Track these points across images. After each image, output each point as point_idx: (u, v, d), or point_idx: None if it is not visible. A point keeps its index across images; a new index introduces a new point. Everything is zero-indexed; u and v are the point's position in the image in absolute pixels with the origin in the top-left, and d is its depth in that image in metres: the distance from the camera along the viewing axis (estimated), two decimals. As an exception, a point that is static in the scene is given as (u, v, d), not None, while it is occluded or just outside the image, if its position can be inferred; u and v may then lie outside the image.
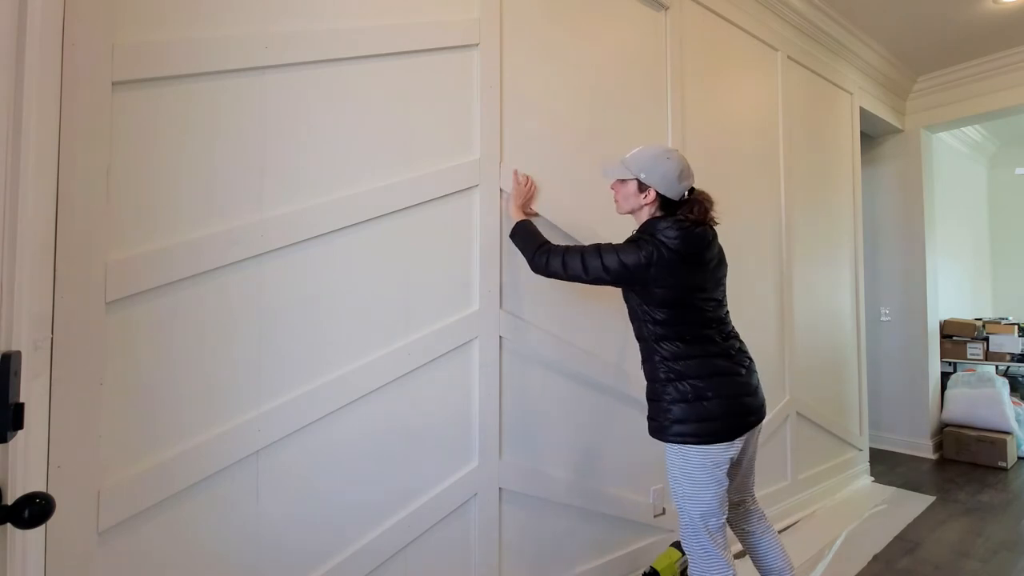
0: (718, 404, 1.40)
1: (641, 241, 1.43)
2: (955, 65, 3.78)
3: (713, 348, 1.45)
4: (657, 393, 1.48)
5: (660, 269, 1.39)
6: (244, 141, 1.27)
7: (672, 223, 1.42)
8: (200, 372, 1.20)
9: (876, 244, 4.18)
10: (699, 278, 1.44)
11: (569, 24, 1.96)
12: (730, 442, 1.41)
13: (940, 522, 2.81)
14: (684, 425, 1.41)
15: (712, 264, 1.48)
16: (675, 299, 1.42)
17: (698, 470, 1.41)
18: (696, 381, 1.41)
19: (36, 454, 0.96)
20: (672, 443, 1.44)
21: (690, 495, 1.44)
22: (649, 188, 1.47)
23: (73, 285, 1.04)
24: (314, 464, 1.35)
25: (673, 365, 1.44)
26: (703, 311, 1.46)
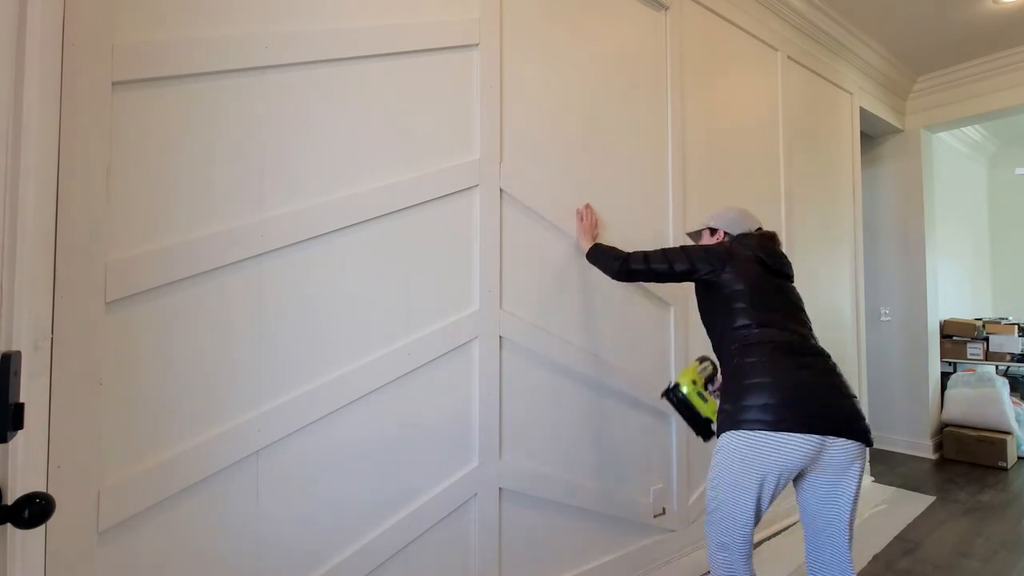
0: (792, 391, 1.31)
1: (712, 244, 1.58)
2: (955, 65, 3.78)
3: (788, 337, 1.41)
4: (732, 379, 1.42)
5: (736, 262, 1.50)
6: (244, 141, 1.27)
7: (751, 234, 1.62)
8: (200, 372, 1.20)
9: (876, 244, 4.18)
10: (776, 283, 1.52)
11: (569, 24, 1.96)
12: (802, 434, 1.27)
13: (940, 522, 2.81)
14: (756, 411, 1.31)
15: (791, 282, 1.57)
16: (751, 287, 1.47)
17: (750, 458, 1.31)
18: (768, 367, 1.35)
19: (36, 454, 0.96)
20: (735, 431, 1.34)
21: (729, 486, 1.34)
22: (718, 230, 1.72)
23: (73, 285, 1.04)
24: (314, 464, 1.35)
25: (745, 351, 1.41)
26: (782, 307, 1.47)
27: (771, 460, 1.30)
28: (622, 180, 2.11)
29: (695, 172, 2.41)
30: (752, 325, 1.44)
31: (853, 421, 1.32)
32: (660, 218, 2.25)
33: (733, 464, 1.34)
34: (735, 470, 1.34)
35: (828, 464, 1.34)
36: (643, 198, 2.18)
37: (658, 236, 2.23)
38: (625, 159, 2.12)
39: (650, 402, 2.15)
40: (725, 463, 1.36)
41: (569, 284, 1.92)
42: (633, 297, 2.13)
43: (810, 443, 1.29)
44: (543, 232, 1.85)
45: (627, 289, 2.10)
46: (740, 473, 1.33)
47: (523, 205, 1.79)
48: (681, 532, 2.23)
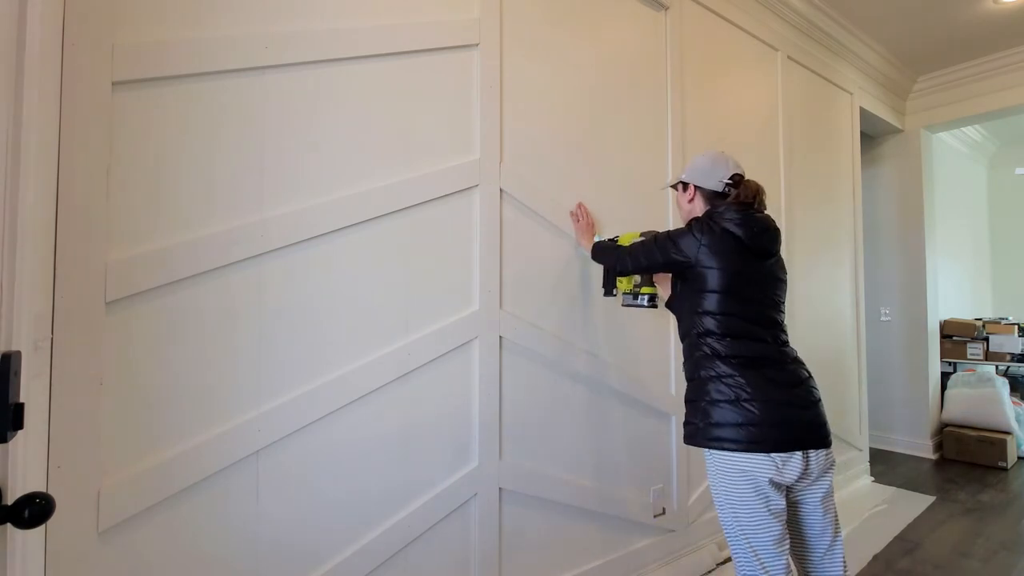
0: (762, 408, 1.26)
1: (694, 223, 1.41)
2: (955, 65, 3.78)
3: (763, 348, 1.33)
4: (696, 393, 1.38)
5: (712, 249, 1.35)
6: (244, 141, 1.27)
7: (729, 207, 1.40)
8: (200, 372, 1.20)
9: (876, 244, 4.18)
10: (755, 268, 1.37)
11: (569, 24, 1.96)
12: (771, 454, 1.25)
13: (940, 522, 2.81)
14: (722, 429, 1.29)
15: (772, 260, 1.41)
16: (726, 285, 1.34)
17: (738, 483, 1.28)
18: (740, 380, 1.29)
19: (36, 454, 0.96)
20: (708, 448, 1.32)
21: (732, 514, 1.29)
22: (689, 185, 1.53)
23: (73, 285, 1.04)
24: (314, 464, 1.35)
25: (717, 363, 1.33)
26: (757, 304, 1.36)
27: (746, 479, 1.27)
28: (622, 180, 2.11)
29: (695, 172, 2.40)
30: (723, 333, 1.34)
31: (818, 430, 1.31)
32: (660, 217, 2.25)
33: (721, 488, 1.33)
34: (725, 495, 1.31)
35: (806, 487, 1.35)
36: (643, 197, 2.18)
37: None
38: (625, 159, 2.12)
39: (650, 402, 2.15)
40: (716, 486, 1.34)
41: (569, 284, 1.92)
42: (633, 297, 2.13)
43: (781, 461, 1.27)
44: (543, 232, 1.85)
45: (627, 289, 2.10)
46: (732, 499, 1.30)
47: (523, 205, 1.79)
48: (681, 532, 2.23)
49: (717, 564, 2.31)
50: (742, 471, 1.27)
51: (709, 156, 1.51)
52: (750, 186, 1.45)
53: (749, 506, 1.27)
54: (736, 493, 1.29)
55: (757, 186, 1.46)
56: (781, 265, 1.46)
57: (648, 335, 2.18)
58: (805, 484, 1.34)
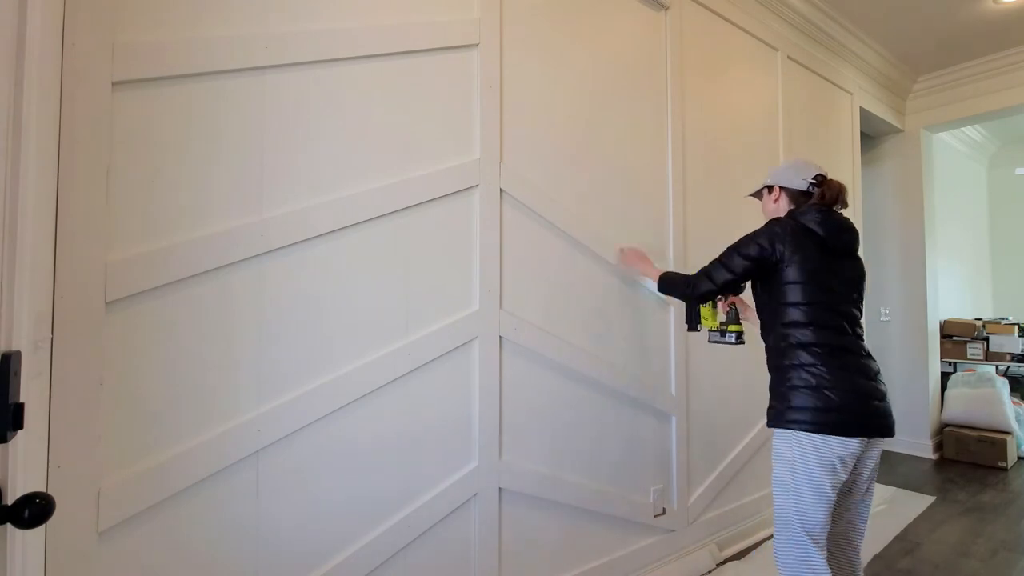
0: (841, 395, 1.36)
1: (774, 222, 1.51)
2: (955, 65, 3.78)
3: (843, 339, 1.42)
4: (779, 379, 1.47)
5: (794, 243, 1.45)
6: (244, 141, 1.27)
7: (811, 207, 1.51)
8: (200, 372, 1.20)
9: (876, 244, 4.18)
10: (836, 264, 1.48)
11: (569, 24, 1.96)
12: (847, 438, 1.35)
13: (940, 522, 2.81)
14: (802, 412, 1.38)
15: (851, 256, 1.52)
16: (809, 276, 1.44)
17: (808, 462, 1.37)
18: (821, 369, 1.39)
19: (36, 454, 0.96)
20: (786, 429, 1.41)
21: (794, 490, 1.39)
22: (774, 187, 1.65)
23: (73, 285, 1.04)
24: (314, 464, 1.35)
25: (800, 351, 1.43)
26: (838, 297, 1.45)
27: (818, 456, 1.36)
28: (622, 180, 2.11)
29: (695, 172, 2.41)
30: (804, 324, 1.44)
31: (885, 421, 1.41)
32: (660, 217, 2.25)
33: (787, 464, 1.42)
34: (790, 471, 1.41)
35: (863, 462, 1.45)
36: (643, 197, 2.18)
37: (658, 235, 2.23)
38: (625, 159, 2.12)
39: (651, 402, 2.15)
40: (780, 463, 1.44)
41: (569, 284, 1.92)
42: (633, 297, 2.13)
43: (853, 444, 1.37)
44: (543, 232, 1.85)
45: (626, 289, 2.10)
46: (794, 473, 1.40)
47: (523, 205, 1.79)
48: (681, 532, 2.23)
49: (717, 564, 2.31)
50: (815, 450, 1.37)
51: (791, 161, 1.65)
52: (833, 185, 1.53)
53: (811, 478, 1.37)
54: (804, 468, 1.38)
55: (840, 185, 1.54)
56: (860, 264, 1.56)
57: (649, 336, 2.18)
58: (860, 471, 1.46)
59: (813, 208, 1.51)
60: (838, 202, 1.53)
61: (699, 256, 2.38)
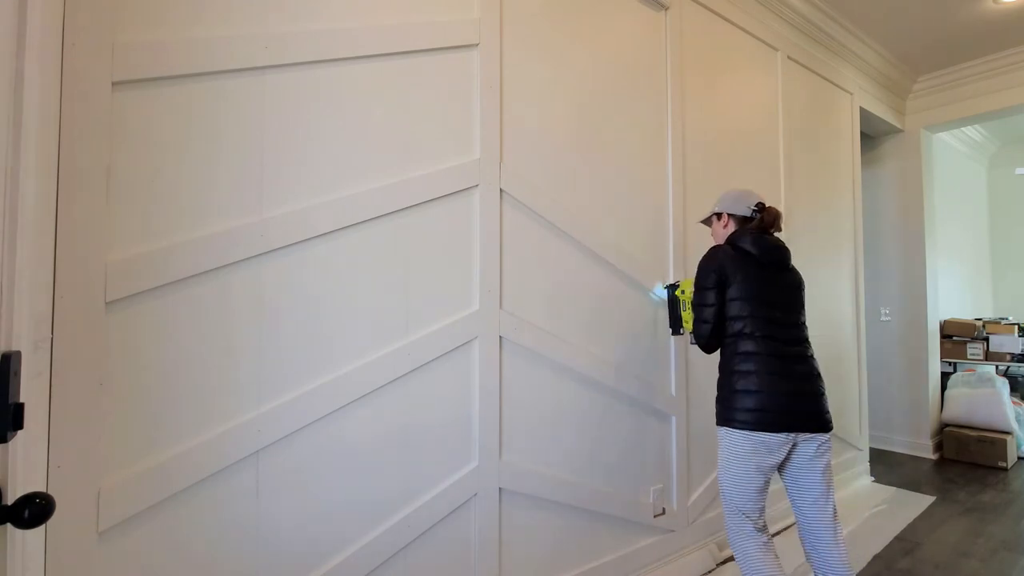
0: (769, 398, 1.58)
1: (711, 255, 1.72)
2: (955, 65, 3.78)
3: (777, 347, 1.63)
4: (722, 383, 1.70)
5: (733, 266, 1.68)
6: (244, 141, 1.27)
7: (745, 232, 1.74)
8: (200, 372, 1.20)
9: (876, 244, 4.18)
10: (771, 278, 1.69)
11: (569, 24, 1.96)
12: (766, 433, 1.58)
13: (940, 522, 2.81)
14: (740, 413, 1.61)
15: (784, 270, 1.74)
16: (744, 293, 1.66)
17: (741, 452, 1.62)
18: (756, 374, 1.61)
19: (36, 454, 0.96)
20: (726, 427, 1.64)
21: (730, 476, 1.64)
22: (723, 214, 1.85)
23: (73, 285, 1.04)
24: (314, 464, 1.35)
25: (739, 359, 1.65)
26: (773, 307, 1.67)
27: (755, 449, 1.60)
28: (622, 179, 2.11)
29: (695, 172, 2.41)
30: (745, 334, 1.66)
31: (819, 417, 1.63)
32: (660, 217, 2.25)
33: (726, 454, 1.67)
34: (728, 459, 1.66)
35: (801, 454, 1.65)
36: (643, 197, 2.19)
37: (658, 235, 2.23)
38: (625, 158, 2.12)
39: (650, 402, 2.15)
40: (722, 454, 1.68)
41: (569, 284, 1.92)
42: (633, 297, 2.13)
43: (779, 438, 1.60)
44: (543, 232, 1.85)
45: (626, 290, 2.11)
46: (731, 460, 1.65)
47: (523, 205, 1.79)
48: (681, 532, 2.23)
49: (717, 564, 2.31)
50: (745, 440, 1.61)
51: (735, 191, 1.85)
52: (771, 211, 1.78)
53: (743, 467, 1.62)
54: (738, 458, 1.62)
55: (777, 212, 1.78)
56: (796, 276, 1.79)
57: (649, 336, 2.18)
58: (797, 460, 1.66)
59: (747, 233, 1.73)
60: (775, 226, 1.77)
61: (698, 254, 2.38)
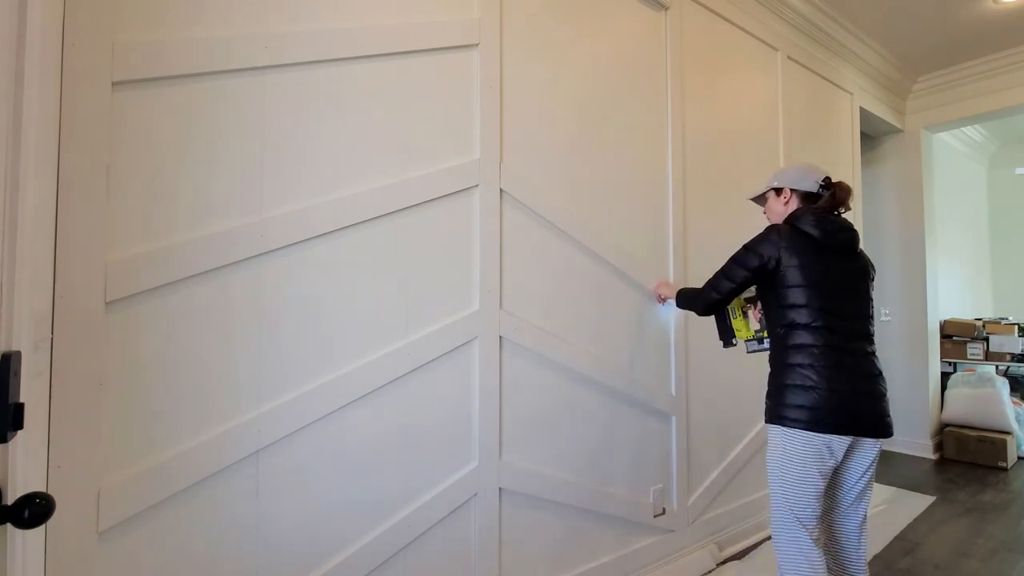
0: (830, 396, 1.43)
1: (771, 229, 1.56)
2: (955, 65, 3.78)
3: (838, 340, 1.47)
4: (776, 377, 1.54)
5: (792, 248, 1.50)
6: (244, 141, 1.27)
7: (807, 212, 1.56)
8: (200, 372, 1.20)
9: (876, 244, 4.17)
10: (835, 266, 1.52)
11: (569, 24, 1.96)
12: (832, 435, 1.42)
13: (940, 522, 2.81)
14: (794, 410, 1.46)
15: (851, 256, 1.56)
16: (807, 279, 1.49)
17: (797, 455, 1.46)
18: (815, 369, 1.45)
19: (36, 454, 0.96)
20: (778, 425, 1.49)
21: (785, 480, 1.48)
22: (784, 189, 1.67)
23: (73, 285, 1.04)
24: (314, 464, 1.35)
25: (795, 352, 1.49)
26: (836, 297, 1.49)
27: (815, 452, 1.44)
28: (622, 179, 2.11)
29: (695, 172, 2.41)
30: (801, 324, 1.49)
31: (881, 420, 1.47)
32: (660, 217, 2.25)
33: (778, 455, 1.50)
34: (781, 460, 1.49)
35: (855, 458, 1.52)
36: (643, 196, 2.18)
37: (658, 235, 2.23)
38: (625, 159, 2.12)
39: (651, 402, 2.15)
40: (772, 454, 1.52)
41: (569, 284, 1.92)
42: (633, 297, 2.13)
43: (840, 440, 1.44)
44: (543, 232, 1.85)
45: (626, 289, 2.11)
46: (785, 463, 1.48)
47: (523, 205, 1.79)
48: (681, 532, 2.23)
49: (717, 564, 2.31)
50: (803, 445, 1.45)
51: (798, 165, 1.68)
52: (844, 187, 1.59)
53: (800, 470, 1.46)
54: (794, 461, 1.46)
55: (849, 188, 1.59)
56: (863, 262, 1.60)
57: (649, 335, 2.18)
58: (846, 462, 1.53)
59: (809, 212, 1.55)
60: (845, 204, 1.58)
61: (698, 255, 2.38)
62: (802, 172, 1.64)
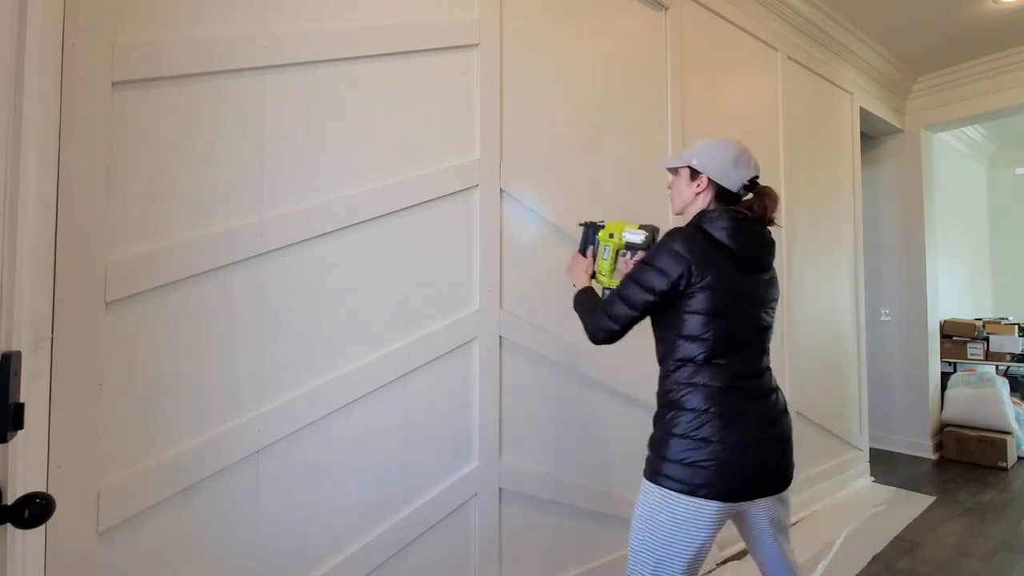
0: (729, 452, 1.13)
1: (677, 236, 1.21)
2: (955, 65, 3.78)
3: (743, 382, 1.19)
4: (661, 422, 1.24)
5: (701, 263, 1.17)
6: (244, 141, 1.27)
7: (724, 212, 1.23)
8: (200, 372, 1.20)
9: (876, 244, 4.17)
10: (746, 285, 1.21)
11: (569, 24, 1.96)
12: (721, 503, 1.12)
13: (940, 522, 2.81)
14: (674, 466, 1.15)
15: (765, 276, 1.26)
16: (711, 306, 1.18)
17: (668, 524, 1.14)
18: (710, 417, 1.15)
19: (36, 454, 0.96)
20: (655, 484, 1.18)
21: (648, 551, 1.16)
22: (701, 175, 1.30)
23: (73, 285, 1.04)
24: (314, 464, 1.34)
25: (690, 394, 1.18)
26: (745, 326, 1.21)
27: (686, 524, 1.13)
28: (622, 180, 2.11)
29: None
30: (699, 362, 1.19)
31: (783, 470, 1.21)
32: (660, 218, 2.25)
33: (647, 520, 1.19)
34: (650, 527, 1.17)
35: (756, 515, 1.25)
36: (643, 196, 2.18)
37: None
38: (625, 159, 2.12)
39: (650, 402, 2.14)
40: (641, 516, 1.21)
41: (569, 284, 1.92)
42: (633, 297, 2.12)
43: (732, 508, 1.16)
44: (543, 232, 1.85)
45: (627, 289, 2.10)
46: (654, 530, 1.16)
47: (523, 205, 1.79)
48: (681, 532, 2.23)
49: (717, 564, 2.31)
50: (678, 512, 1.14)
51: (733, 149, 1.29)
52: (771, 196, 1.25)
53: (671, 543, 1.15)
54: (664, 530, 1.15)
55: (776, 198, 1.25)
56: (774, 283, 1.30)
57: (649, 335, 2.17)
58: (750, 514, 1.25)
59: (725, 215, 1.22)
60: (770, 220, 1.25)
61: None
62: (727, 160, 1.27)
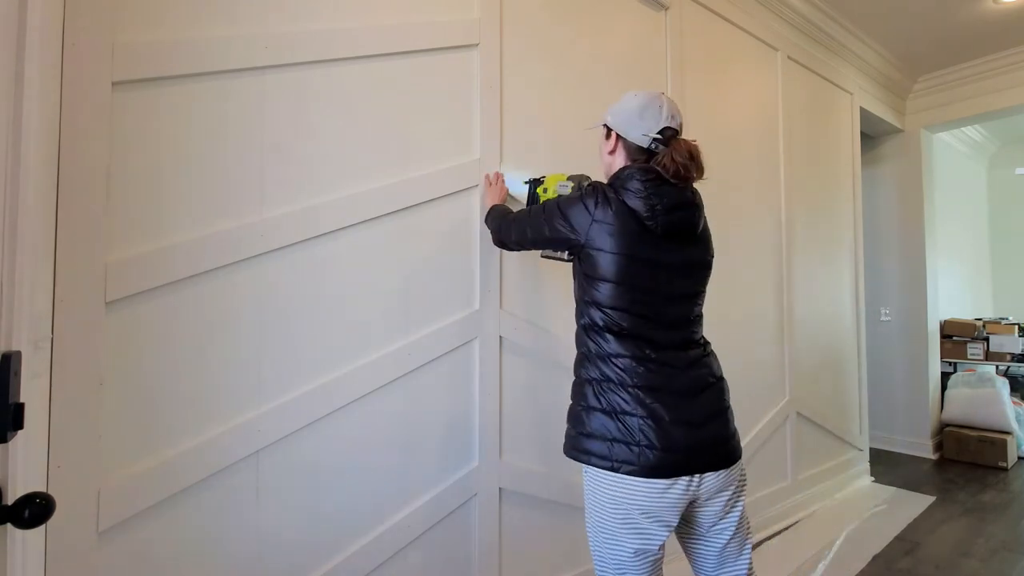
0: (646, 425, 1.04)
1: (589, 192, 1.14)
2: (955, 65, 3.78)
3: (662, 352, 1.09)
4: (576, 395, 1.16)
5: (606, 227, 1.08)
6: (244, 141, 1.27)
7: (636, 171, 1.10)
8: (200, 372, 1.20)
9: (876, 244, 4.17)
10: (662, 251, 1.10)
11: (569, 24, 1.96)
12: (657, 481, 1.03)
13: (940, 522, 2.81)
14: (597, 442, 1.07)
15: (688, 241, 1.14)
16: (620, 272, 1.08)
17: (609, 507, 1.06)
18: (624, 390, 1.07)
19: (36, 454, 0.96)
20: (582, 464, 1.11)
21: (598, 539, 1.09)
22: (612, 131, 1.20)
23: (73, 285, 1.04)
24: (314, 464, 1.34)
25: (602, 363, 1.10)
26: (660, 297, 1.11)
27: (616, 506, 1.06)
28: (622, 180, 2.11)
29: (695, 172, 2.40)
30: (611, 330, 1.10)
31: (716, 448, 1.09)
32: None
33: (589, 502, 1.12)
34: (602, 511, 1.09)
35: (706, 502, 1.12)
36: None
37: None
38: (625, 159, 2.12)
39: (650, 402, 2.14)
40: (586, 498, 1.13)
41: (569, 284, 1.92)
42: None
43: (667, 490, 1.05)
44: (543, 232, 1.85)
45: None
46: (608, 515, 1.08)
47: (523, 205, 1.79)
48: (681, 532, 2.23)
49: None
50: (613, 494, 1.06)
51: (641, 98, 1.17)
52: (680, 148, 1.11)
53: (615, 528, 1.06)
54: (607, 515, 1.07)
55: (691, 148, 1.12)
56: (705, 247, 1.19)
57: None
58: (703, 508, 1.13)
59: (638, 175, 1.10)
60: (681, 176, 1.11)
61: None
62: (633, 111, 1.15)
